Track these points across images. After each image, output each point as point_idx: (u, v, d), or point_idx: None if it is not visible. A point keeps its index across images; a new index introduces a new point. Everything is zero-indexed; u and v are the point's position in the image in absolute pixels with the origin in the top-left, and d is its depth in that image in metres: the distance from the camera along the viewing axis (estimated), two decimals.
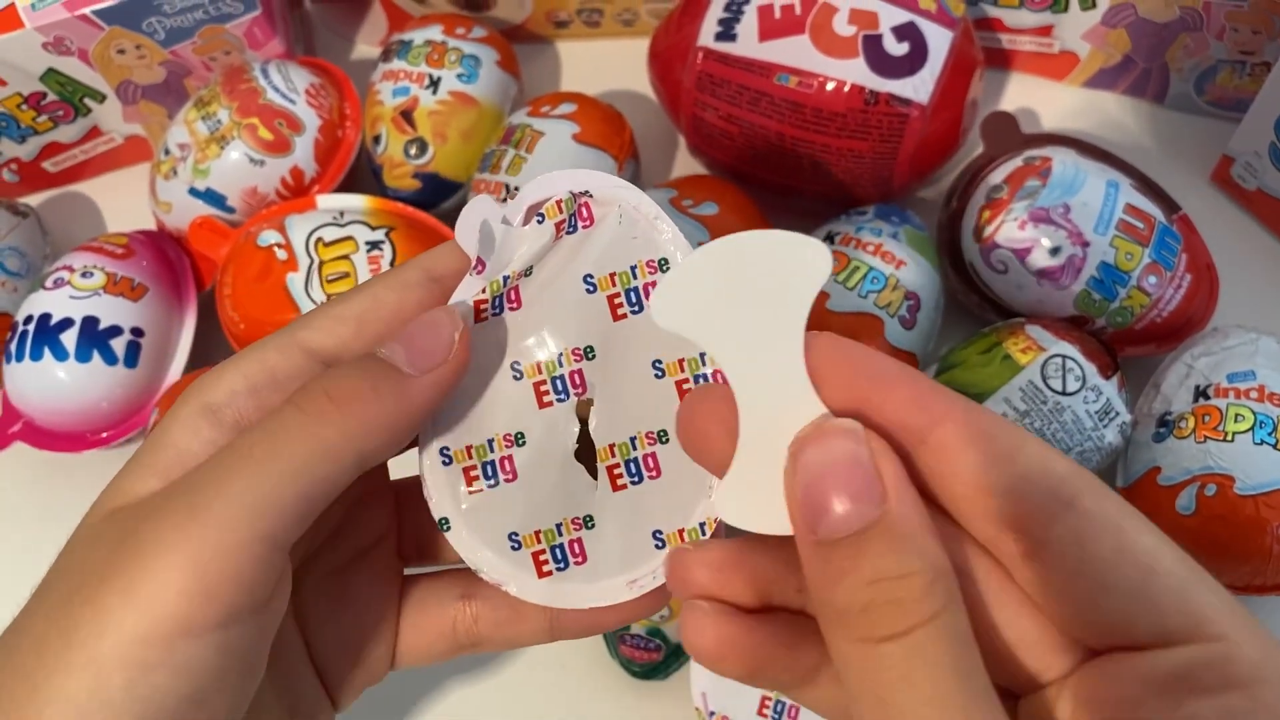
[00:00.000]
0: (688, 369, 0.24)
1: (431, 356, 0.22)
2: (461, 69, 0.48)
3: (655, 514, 0.24)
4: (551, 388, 0.24)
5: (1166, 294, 0.41)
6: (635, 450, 0.24)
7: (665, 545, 0.24)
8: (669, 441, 0.24)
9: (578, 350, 0.24)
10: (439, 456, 0.24)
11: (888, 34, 0.42)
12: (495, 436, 0.24)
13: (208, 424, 0.22)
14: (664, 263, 0.24)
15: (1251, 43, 0.45)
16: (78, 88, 0.49)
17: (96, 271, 0.45)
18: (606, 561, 0.24)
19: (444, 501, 0.24)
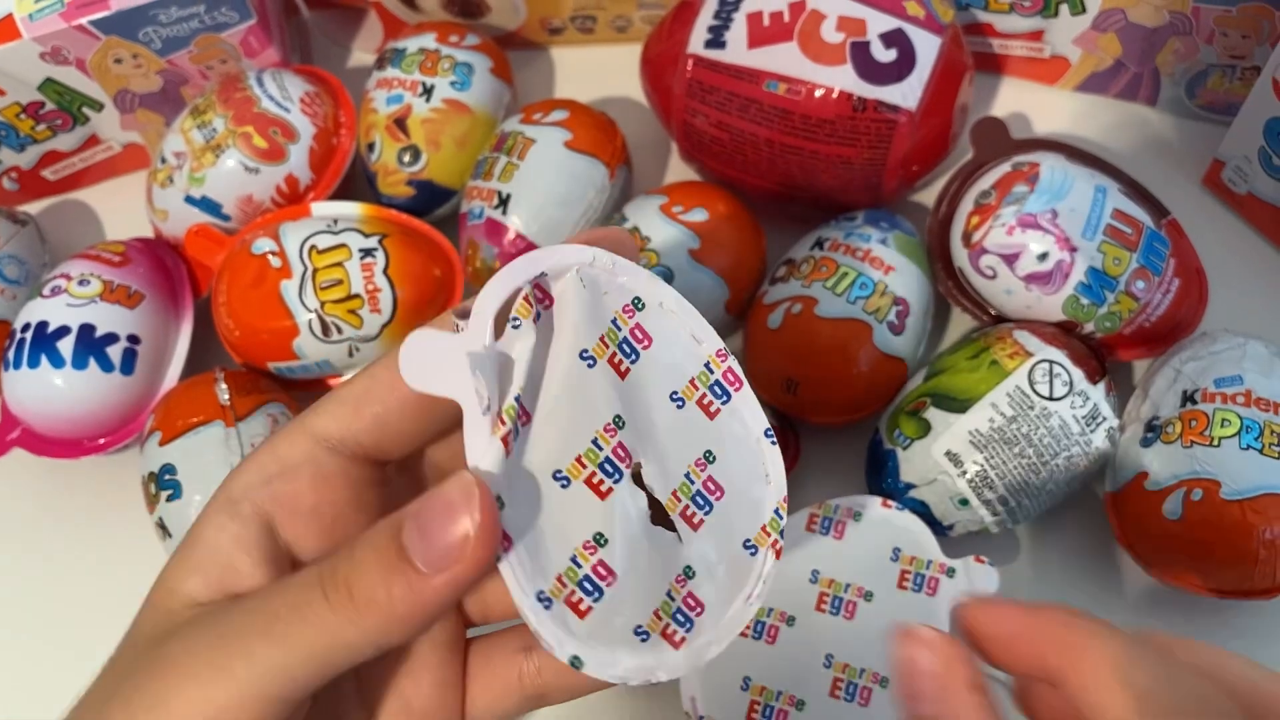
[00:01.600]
0: (700, 384, 0.25)
1: (446, 556, 0.21)
2: (455, 76, 0.48)
3: (737, 527, 0.24)
4: (603, 474, 0.23)
5: (1154, 299, 0.41)
6: (694, 483, 0.24)
7: (758, 549, 0.24)
8: (715, 460, 0.24)
9: (609, 426, 0.24)
10: (539, 604, 0.22)
11: (875, 41, 0.42)
12: (577, 552, 0.23)
13: (229, 519, 0.24)
14: (638, 301, 0.24)
15: (1241, 47, 0.45)
16: (76, 97, 0.49)
17: (93, 279, 0.45)
18: (719, 595, 0.24)
19: (566, 642, 0.22)
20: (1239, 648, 0.40)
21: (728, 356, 0.25)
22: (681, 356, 0.25)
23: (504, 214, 0.45)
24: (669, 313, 0.25)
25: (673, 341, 0.25)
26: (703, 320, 0.25)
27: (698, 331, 0.25)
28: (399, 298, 0.44)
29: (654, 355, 0.25)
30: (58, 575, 0.47)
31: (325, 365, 0.45)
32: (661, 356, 0.25)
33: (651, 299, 0.25)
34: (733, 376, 0.25)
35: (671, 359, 0.25)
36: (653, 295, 0.25)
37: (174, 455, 0.41)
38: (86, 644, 0.45)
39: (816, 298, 0.42)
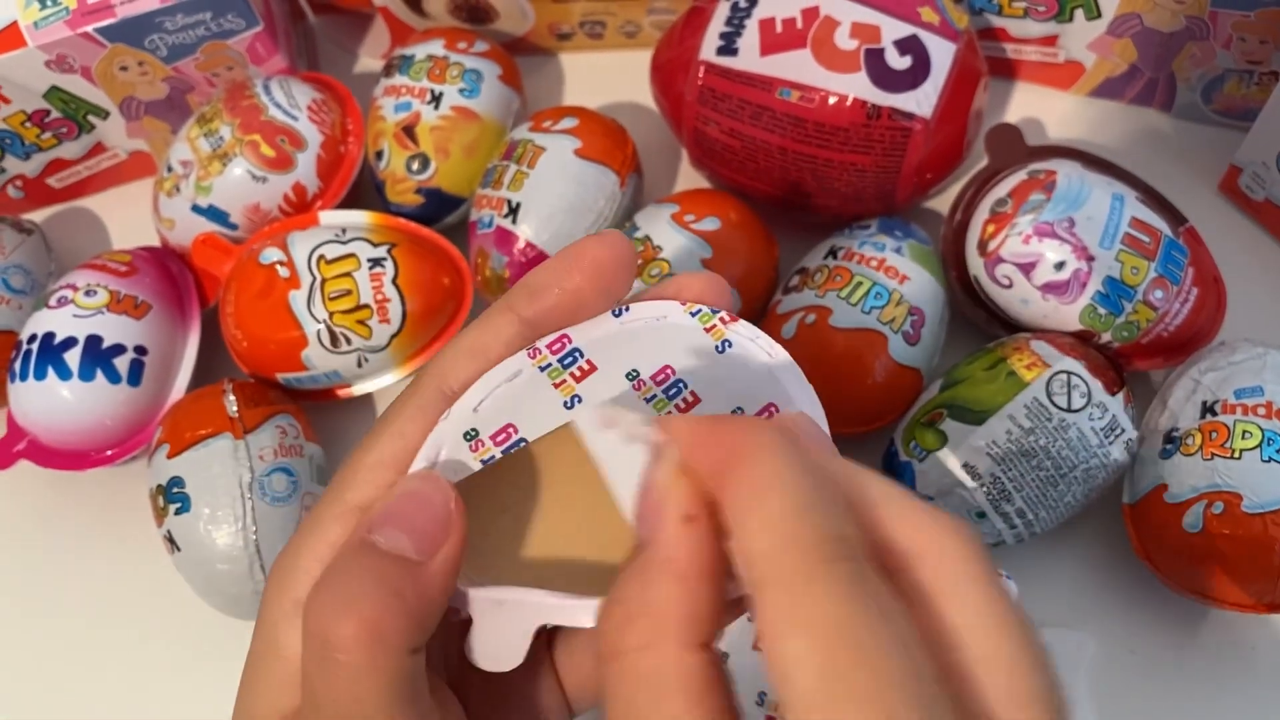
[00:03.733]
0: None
1: (436, 537, 0.21)
2: (463, 84, 0.48)
3: None
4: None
5: (1173, 308, 0.41)
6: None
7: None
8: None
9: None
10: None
11: (890, 48, 0.42)
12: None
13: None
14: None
15: (1259, 52, 0.45)
16: (81, 105, 0.49)
17: (100, 290, 0.45)
18: None
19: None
20: (1260, 662, 0.40)
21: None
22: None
23: (514, 223, 0.44)
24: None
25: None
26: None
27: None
28: (408, 308, 0.44)
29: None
30: (65, 589, 0.46)
31: (334, 376, 0.45)
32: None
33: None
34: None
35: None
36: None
37: (182, 468, 0.41)
38: (94, 657, 0.45)
39: (831, 307, 0.41)
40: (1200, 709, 0.40)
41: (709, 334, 0.23)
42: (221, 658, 0.44)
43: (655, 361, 0.23)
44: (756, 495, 0.18)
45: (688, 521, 0.19)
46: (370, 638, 0.20)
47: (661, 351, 0.23)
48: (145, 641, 0.45)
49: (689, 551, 0.19)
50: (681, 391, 0.23)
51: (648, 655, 0.18)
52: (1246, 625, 0.40)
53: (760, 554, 0.18)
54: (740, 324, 0.24)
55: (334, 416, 0.47)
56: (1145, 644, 0.41)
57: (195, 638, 0.44)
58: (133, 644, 0.45)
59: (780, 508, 0.18)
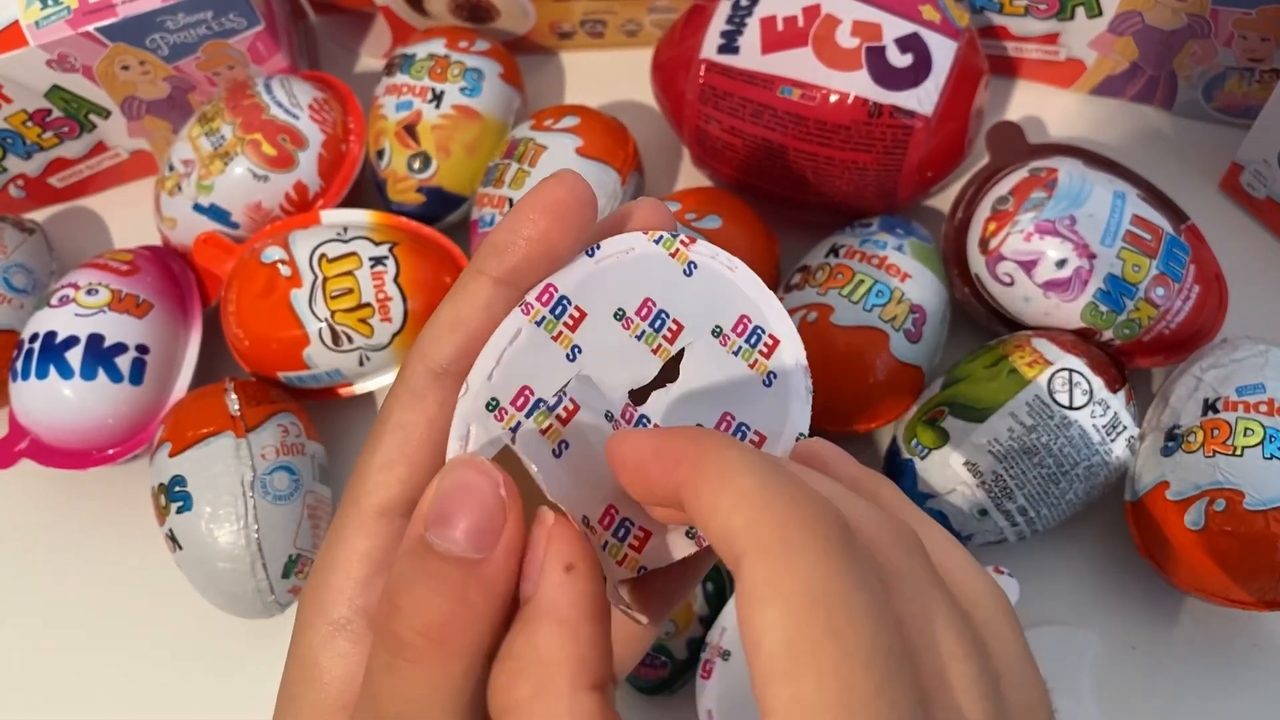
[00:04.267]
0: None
1: (493, 530, 0.20)
2: (464, 82, 0.48)
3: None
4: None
5: (1175, 305, 0.41)
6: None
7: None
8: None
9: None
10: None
11: (891, 45, 0.42)
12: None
13: (348, 641, 0.22)
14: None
15: (1260, 49, 0.45)
16: (82, 104, 0.49)
17: (101, 289, 0.45)
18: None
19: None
20: (1262, 660, 0.40)
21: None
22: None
23: None
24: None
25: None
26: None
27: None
28: (410, 306, 0.44)
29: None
30: (67, 587, 0.46)
31: (336, 374, 0.45)
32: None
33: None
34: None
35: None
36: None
37: (184, 466, 0.41)
38: (96, 655, 0.45)
39: (832, 305, 0.41)
40: (1202, 706, 0.40)
41: (675, 259, 0.24)
42: (223, 656, 0.44)
43: (636, 296, 0.24)
44: (725, 479, 0.18)
45: (569, 570, 0.19)
46: (439, 646, 0.20)
47: (639, 285, 0.24)
48: (147, 640, 0.45)
49: (571, 598, 0.19)
50: (665, 322, 0.24)
51: (539, 703, 0.18)
52: (1248, 622, 0.40)
53: (738, 529, 0.18)
54: (698, 244, 0.24)
55: (336, 415, 0.47)
56: (1147, 641, 0.41)
57: (197, 636, 0.44)
58: (135, 642, 0.45)
59: (750, 482, 0.18)
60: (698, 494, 0.19)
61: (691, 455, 0.19)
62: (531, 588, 0.20)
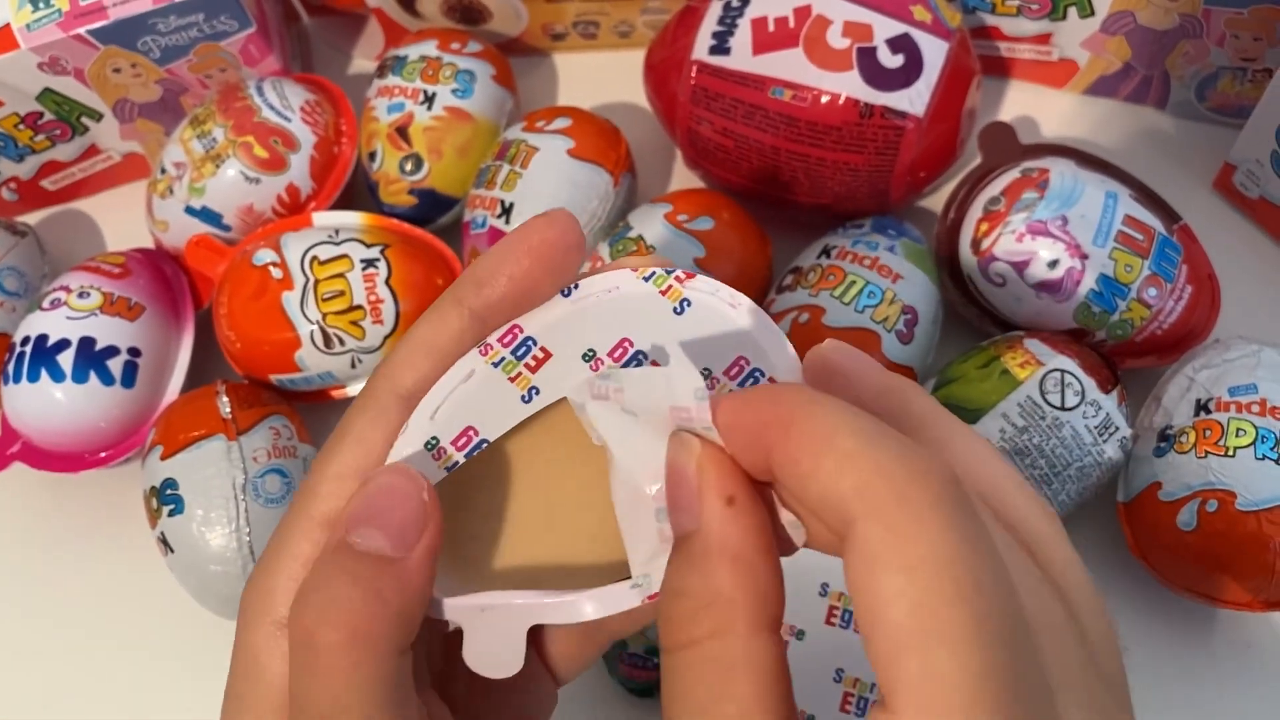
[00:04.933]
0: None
1: (413, 531, 0.21)
2: (456, 84, 0.48)
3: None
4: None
5: (1167, 306, 0.41)
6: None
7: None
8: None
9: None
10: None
11: (882, 46, 0.42)
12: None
13: (285, 638, 0.22)
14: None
15: (1252, 49, 0.45)
16: (74, 107, 0.49)
17: (93, 292, 0.45)
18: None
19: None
20: (1255, 660, 0.40)
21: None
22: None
23: (507, 223, 0.44)
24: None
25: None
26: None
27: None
28: (401, 309, 0.44)
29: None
30: (58, 591, 0.46)
31: (328, 377, 0.45)
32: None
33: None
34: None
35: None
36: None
37: (176, 469, 0.41)
38: (88, 659, 0.45)
39: (824, 307, 0.41)
40: (1196, 706, 0.40)
41: (665, 296, 0.22)
42: (215, 659, 0.44)
43: (611, 337, 0.22)
44: (822, 440, 0.18)
45: (731, 504, 0.19)
46: (353, 641, 0.20)
47: (617, 325, 0.22)
48: (139, 643, 0.45)
49: (741, 533, 0.19)
50: (642, 364, 0.22)
51: (716, 643, 0.18)
52: (1242, 623, 0.40)
53: (846, 493, 0.17)
54: (699, 279, 0.23)
55: (328, 417, 0.47)
56: (1140, 642, 0.41)
57: (189, 639, 0.44)
58: (127, 645, 0.45)
59: (852, 443, 0.17)
60: (794, 460, 0.18)
61: (778, 418, 0.18)
62: (690, 521, 0.19)
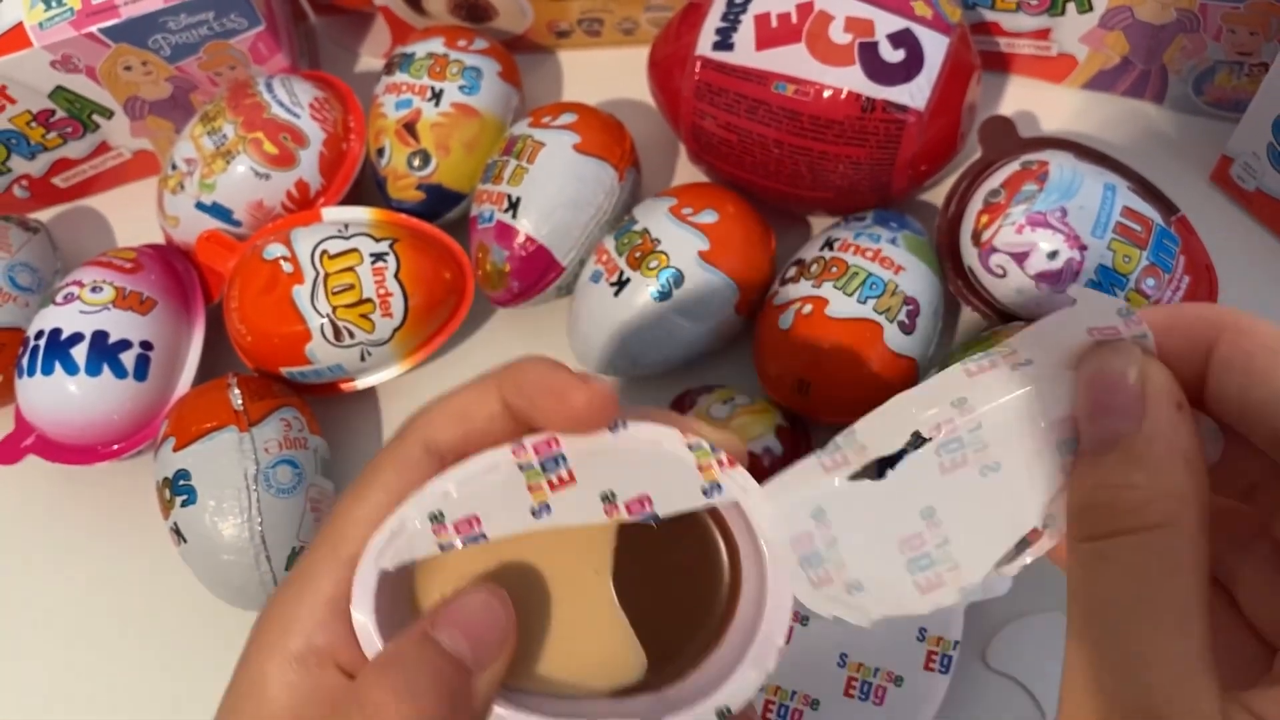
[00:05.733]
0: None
1: (492, 652, 0.22)
2: (463, 81, 0.49)
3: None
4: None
5: (1165, 296, 0.41)
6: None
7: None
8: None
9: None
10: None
11: (883, 41, 0.42)
12: None
13: (300, 675, 0.23)
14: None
15: (1249, 44, 0.45)
16: (86, 104, 0.50)
17: (106, 286, 0.45)
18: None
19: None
20: None
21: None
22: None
23: (514, 217, 0.45)
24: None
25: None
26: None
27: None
28: (410, 302, 0.44)
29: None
30: (72, 580, 0.47)
31: (338, 369, 0.45)
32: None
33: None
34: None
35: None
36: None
37: (188, 461, 0.42)
38: (102, 648, 0.46)
39: (827, 298, 0.42)
40: None
41: (701, 473, 0.22)
42: (227, 647, 0.45)
43: (635, 487, 0.22)
44: (1276, 341, 0.19)
45: (1180, 408, 0.20)
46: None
47: (645, 480, 0.22)
48: (152, 632, 0.45)
49: (1190, 437, 0.19)
50: (654, 525, 0.23)
51: (1164, 534, 0.19)
52: None
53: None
54: (737, 471, 0.22)
55: (338, 409, 0.48)
56: None
57: (201, 628, 0.45)
58: (140, 634, 0.46)
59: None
60: (1246, 357, 0.19)
61: (1223, 320, 0.19)
62: (1128, 423, 0.20)
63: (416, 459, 0.23)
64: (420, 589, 0.24)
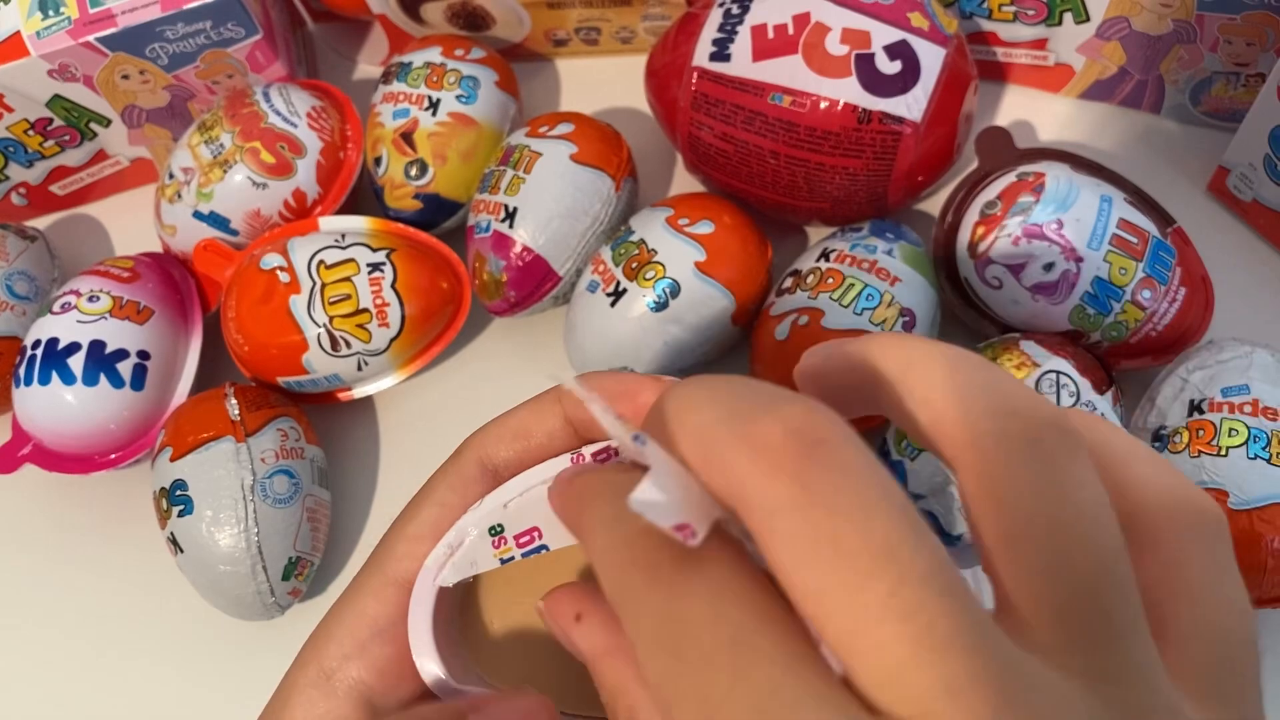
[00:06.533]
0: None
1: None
2: (460, 90, 0.49)
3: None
4: None
5: (1161, 308, 0.41)
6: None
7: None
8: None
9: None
10: None
11: (880, 53, 0.42)
12: None
13: (323, 695, 0.22)
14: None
15: (1245, 54, 0.45)
16: (83, 113, 0.50)
17: (103, 295, 0.45)
18: None
19: None
20: None
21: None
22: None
23: (511, 227, 0.45)
24: None
25: None
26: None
27: None
28: (407, 312, 0.44)
29: None
30: (69, 591, 0.47)
31: (335, 379, 0.45)
32: None
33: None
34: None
35: None
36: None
37: (185, 470, 0.42)
38: (98, 659, 0.46)
39: (823, 309, 0.42)
40: None
41: None
42: (224, 658, 0.45)
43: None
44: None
45: (577, 620, 0.20)
46: None
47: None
48: (149, 643, 0.46)
49: (589, 645, 0.20)
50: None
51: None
52: None
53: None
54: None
55: (335, 419, 0.48)
56: None
57: (198, 639, 0.45)
58: (137, 645, 0.46)
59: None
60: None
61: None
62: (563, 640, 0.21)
63: (472, 475, 0.23)
64: (484, 604, 0.23)
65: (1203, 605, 0.17)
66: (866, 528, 0.15)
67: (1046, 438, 0.17)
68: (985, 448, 0.16)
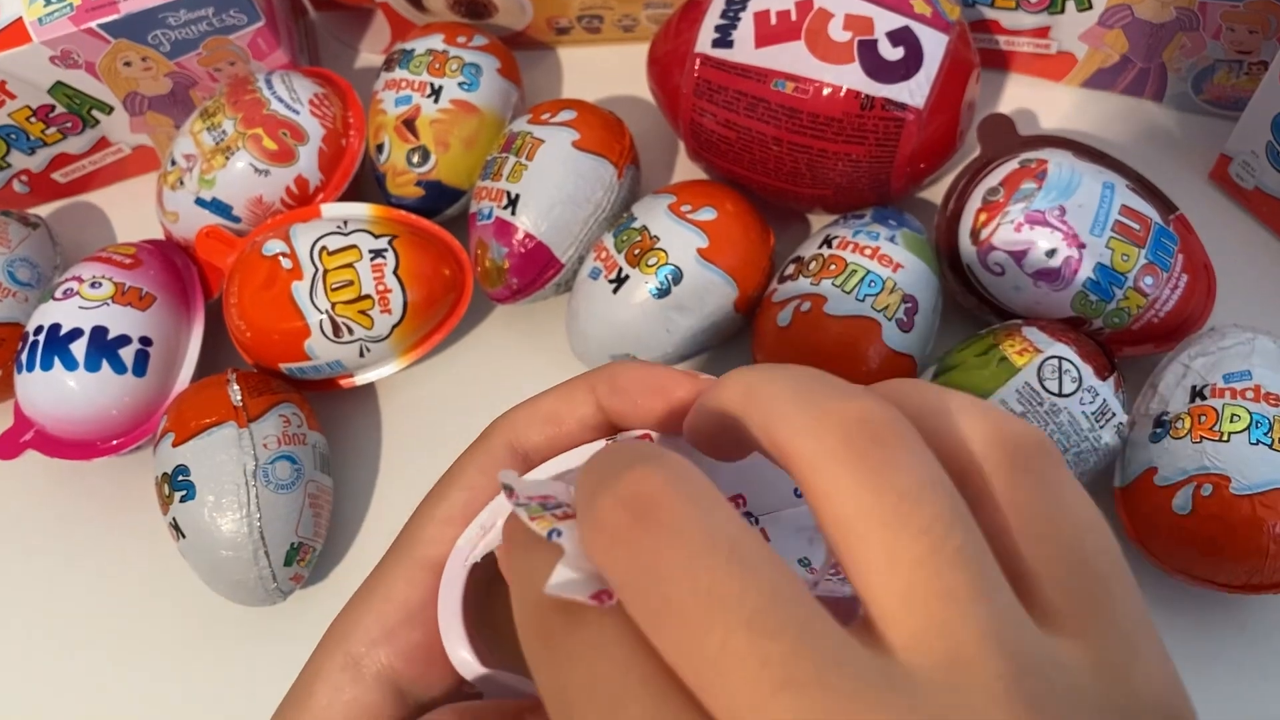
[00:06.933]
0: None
1: None
2: (463, 77, 0.49)
3: None
4: None
5: (1163, 294, 0.41)
6: None
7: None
8: None
9: None
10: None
11: (883, 39, 0.42)
12: None
13: (350, 680, 0.22)
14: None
15: (1248, 42, 0.45)
16: (85, 100, 0.50)
17: (105, 282, 0.45)
18: None
19: None
20: (1249, 642, 0.40)
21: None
22: None
23: (513, 214, 0.45)
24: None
25: None
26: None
27: None
28: (409, 298, 0.44)
29: None
30: (71, 576, 0.47)
31: (337, 365, 0.45)
32: None
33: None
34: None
35: None
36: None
37: (187, 456, 0.42)
38: (100, 644, 0.46)
39: (825, 295, 0.42)
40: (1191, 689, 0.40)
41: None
42: (226, 643, 0.45)
43: (730, 487, 0.22)
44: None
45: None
46: None
47: (738, 478, 0.22)
48: (151, 628, 0.46)
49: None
50: (755, 523, 0.23)
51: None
52: (1237, 605, 0.41)
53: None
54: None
55: (337, 405, 0.48)
56: None
57: (200, 624, 0.45)
58: (139, 630, 0.46)
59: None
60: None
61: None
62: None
63: (500, 458, 0.23)
64: (505, 589, 0.23)
65: (1044, 540, 0.18)
66: (920, 497, 0.16)
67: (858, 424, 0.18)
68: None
